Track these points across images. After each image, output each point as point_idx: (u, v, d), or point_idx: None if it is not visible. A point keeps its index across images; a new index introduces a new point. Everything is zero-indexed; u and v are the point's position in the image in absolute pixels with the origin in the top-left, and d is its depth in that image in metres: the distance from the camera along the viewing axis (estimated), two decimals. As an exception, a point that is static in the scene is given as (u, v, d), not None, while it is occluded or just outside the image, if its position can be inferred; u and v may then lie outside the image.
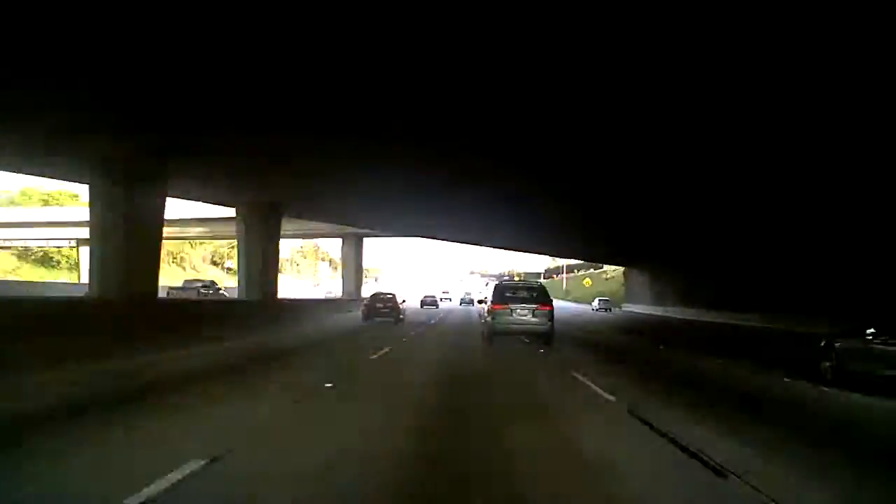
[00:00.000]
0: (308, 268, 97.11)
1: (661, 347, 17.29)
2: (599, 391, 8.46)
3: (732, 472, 4.43)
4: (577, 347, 16.13)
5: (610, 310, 47.83)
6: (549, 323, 15.31)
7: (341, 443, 5.26)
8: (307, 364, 11.57)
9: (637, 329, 27.28)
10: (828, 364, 10.04)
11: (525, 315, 15.21)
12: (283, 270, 55.61)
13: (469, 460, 4.80)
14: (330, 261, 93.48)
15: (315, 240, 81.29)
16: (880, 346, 8.88)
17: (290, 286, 57.29)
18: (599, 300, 50.36)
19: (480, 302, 44.69)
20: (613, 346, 17.85)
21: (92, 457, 4.69)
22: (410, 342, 16.70)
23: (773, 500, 3.90)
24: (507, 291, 16.07)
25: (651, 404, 7.47)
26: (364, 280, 53.22)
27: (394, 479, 4.27)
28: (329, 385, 8.56)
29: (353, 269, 46.97)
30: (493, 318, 15.57)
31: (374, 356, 12.50)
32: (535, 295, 15.72)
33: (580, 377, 9.79)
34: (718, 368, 12.53)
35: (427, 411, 6.89)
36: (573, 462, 4.85)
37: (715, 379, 11.05)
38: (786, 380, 10.47)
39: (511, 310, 15.22)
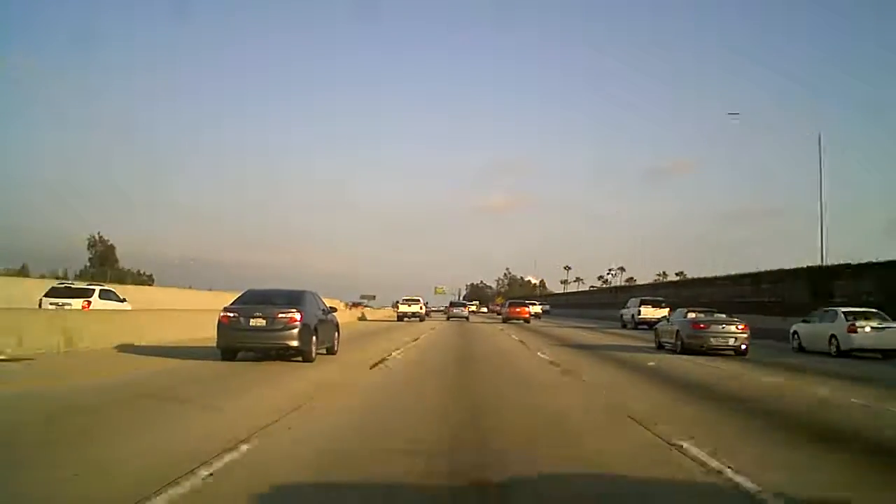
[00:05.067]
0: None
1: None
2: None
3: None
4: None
5: None
6: (469, 313, 49.68)
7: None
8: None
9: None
10: (656, 339, 18.88)
11: (462, 311, 47.79)
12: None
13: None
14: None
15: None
16: (664, 327, 18.23)
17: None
18: None
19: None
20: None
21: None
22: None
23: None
24: (453, 303, 54.67)
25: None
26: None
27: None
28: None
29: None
30: (449, 313, 49.48)
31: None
32: (464, 301, 63.28)
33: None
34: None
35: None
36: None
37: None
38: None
39: (454, 309, 48.94)
